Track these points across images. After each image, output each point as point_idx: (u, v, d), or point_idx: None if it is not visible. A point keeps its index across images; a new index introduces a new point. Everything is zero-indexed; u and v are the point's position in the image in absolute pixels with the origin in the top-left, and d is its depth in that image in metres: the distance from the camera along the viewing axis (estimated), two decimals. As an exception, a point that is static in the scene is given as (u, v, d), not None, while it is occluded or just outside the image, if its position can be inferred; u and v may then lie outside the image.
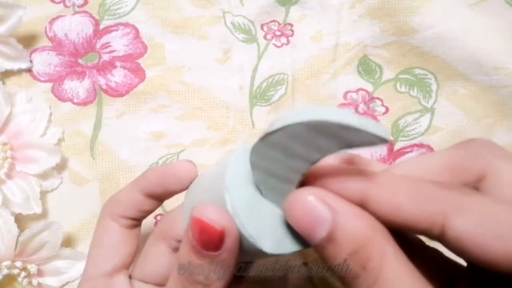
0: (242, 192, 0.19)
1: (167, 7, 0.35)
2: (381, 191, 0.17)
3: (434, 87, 0.35)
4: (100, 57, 0.34)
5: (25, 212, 0.30)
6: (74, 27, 0.34)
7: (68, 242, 0.32)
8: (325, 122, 0.15)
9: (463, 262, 0.19)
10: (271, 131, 0.16)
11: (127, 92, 0.34)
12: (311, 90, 0.35)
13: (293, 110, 0.16)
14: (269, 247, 0.18)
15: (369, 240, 0.16)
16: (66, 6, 0.34)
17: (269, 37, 0.35)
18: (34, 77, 0.34)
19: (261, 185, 0.19)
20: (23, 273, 0.30)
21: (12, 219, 0.30)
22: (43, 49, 0.34)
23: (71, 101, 0.34)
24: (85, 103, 0.34)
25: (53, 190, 0.33)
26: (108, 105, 0.34)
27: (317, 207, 0.17)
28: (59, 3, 0.34)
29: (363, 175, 0.17)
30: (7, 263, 0.29)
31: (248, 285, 0.25)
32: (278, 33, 0.35)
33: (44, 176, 0.32)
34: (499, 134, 0.34)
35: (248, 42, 0.35)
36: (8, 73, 0.33)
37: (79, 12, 0.34)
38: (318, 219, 0.17)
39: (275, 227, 0.19)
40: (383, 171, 0.19)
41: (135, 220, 0.25)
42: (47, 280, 0.31)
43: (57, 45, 0.34)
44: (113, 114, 0.34)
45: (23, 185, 0.31)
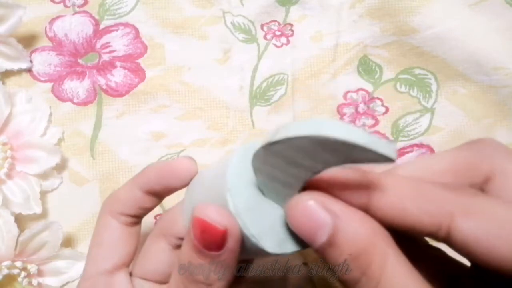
0: (244, 192, 0.19)
1: (167, 7, 0.35)
2: (386, 194, 0.17)
3: (434, 87, 0.35)
4: (100, 57, 0.34)
5: (25, 212, 0.30)
6: (74, 27, 0.34)
7: (68, 242, 0.32)
8: (331, 138, 0.14)
9: (466, 262, 0.19)
10: (274, 141, 0.16)
11: (127, 92, 0.34)
12: (311, 90, 0.35)
13: (299, 121, 0.16)
14: (271, 246, 0.18)
15: (370, 245, 0.16)
16: (66, 6, 0.34)
17: (269, 37, 0.35)
18: (34, 77, 0.34)
19: (263, 187, 0.19)
20: (23, 273, 0.30)
21: (12, 219, 0.30)
22: (43, 49, 0.34)
23: (71, 101, 0.34)
24: (85, 103, 0.34)
25: (53, 190, 0.33)
26: (108, 105, 0.34)
27: (317, 211, 0.17)
28: (59, 3, 0.34)
29: (367, 178, 0.17)
30: (7, 263, 0.29)
31: (248, 285, 0.25)
32: (278, 33, 0.35)
33: (44, 176, 0.32)
34: (499, 134, 0.34)
35: (248, 42, 0.35)
36: (8, 73, 0.33)
37: (79, 12, 0.34)
38: (319, 223, 0.17)
39: (276, 226, 0.19)
40: (387, 172, 0.19)
41: (135, 217, 0.25)
42: (47, 280, 0.31)
43: (57, 45, 0.34)
44: (113, 114, 0.34)
45: (23, 185, 0.31)
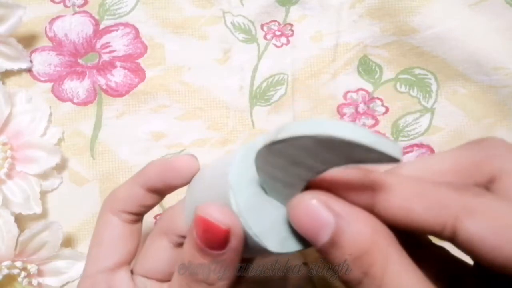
0: (246, 191, 0.19)
1: (167, 7, 0.35)
2: (390, 194, 0.17)
3: (434, 87, 0.35)
4: (100, 57, 0.34)
5: (25, 212, 0.30)
6: (74, 27, 0.34)
7: (68, 242, 0.32)
8: (335, 138, 0.14)
9: (469, 260, 0.19)
10: (277, 140, 0.16)
11: (127, 92, 0.34)
12: (311, 90, 0.35)
13: (302, 120, 0.15)
14: (273, 246, 0.18)
15: (372, 245, 0.16)
16: (66, 6, 0.34)
17: (269, 37, 0.35)
18: (34, 77, 0.34)
19: (265, 185, 0.19)
20: (23, 273, 0.30)
21: (12, 219, 0.30)
22: (43, 49, 0.34)
23: (71, 101, 0.34)
24: (85, 103, 0.34)
25: (53, 190, 0.33)
26: (108, 105, 0.34)
27: (320, 211, 0.17)
28: (59, 3, 0.34)
29: (370, 178, 0.17)
30: (7, 263, 0.29)
31: (248, 285, 0.25)
32: (278, 33, 0.35)
33: (44, 176, 0.32)
34: (499, 134, 0.34)
35: (248, 42, 0.35)
36: (8, 73, 0.33)
37: (79, 12, 0.34)
38: (321, 223, 0.17)
39: (279, 225, 0.19)
40: (390, 172, 0.19)
41: (137, 215, 0.25)
42: (47, 280, 0.31)
43: (57, 45, 0.34)
44: (113, 114, 0.34)
45: (23, 185, 0.31)
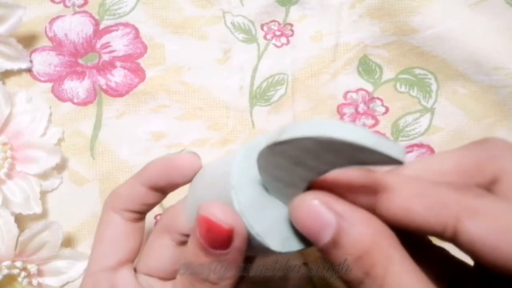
0: (248, 191, 0.19)
1: (167, 7, 0.35)
2: (391, 194, 0.17)
3: (434, 87, 0.35)
4: (100, 57, 0.34)
5: (25, 212, 0.30)
6: (74, 27, 0.34)
7: (68, 242, 0.32)
8: (337, 140, 0.14)
9: (470, 261, 0.19)
10: (280, 141, 0.16)
11: (127, 92, 0.34)
12: (311, 90, 0.35)
13: (304, 121, 0.15)
14: (275, 245, 0.18)
15: (374, 246, 0.16)
16: (66, 6, 0.34)
17: (269, 37, 0.35)
18: (34, 77, 0.34)
19: (267, 185, 0.19)
20: (23, 273, 0.30)
21: (12, 219, 0.30)
22: (43, 49, 0.34)
23: (71, 101, 0.34)
24: (85, 103, 0.34)
25: (53, 190, 0.33)
26: (108, 105, 0.34)
27: (321, 211, 0.17)
28: (59, 3, 0.34)
29: (372, 178, 0.17)
30: (7, 263, 0.29)
31: (248, 285, 0.25)
32: (278, 33, 0.35)
33: (44, 176, 0.32)
34: (499, 134, 0.34)
35: (248, 42, 0.35)
36: (8, 73, 0.33)
37: (79, 12, 0.34)
38: (323, 223, 0.17)
39: (280, 225, 0.19)
40: (392, 172, 0.19)
41: (139, 213, 0.24)
42: (47, 280, 0.31)
43: (57, 45, 0.34)
44: (113, 114, 0.34)
45: (23, 185, 0.31)
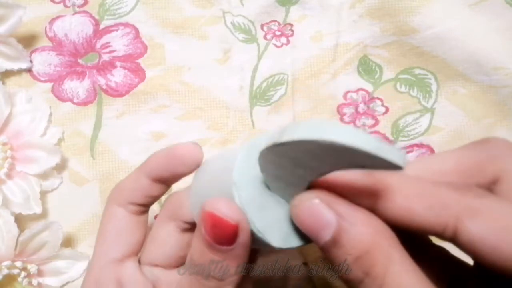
0: (249, 187, 0.19)
1: (167, 7, 0.35)
2: (392, 194, 0.17)
3: (434, 87, 0.35)
4: (100, 57, 0.34)
5: (25, 212, 0.30)
6: (74, 27, 0.34)
7: (68, 242, 0.32)
8: (339, 144, 0.14)
9: (469, 261, 0.19)
10: (280, 142, 0.16)
11: (127, 92, 0.34)
12: (311, 90, 0.35)
13: (306, 122, 0.15)
14: (276, 241, 0.19)
15: (374, 246, 0.16)
16: (66, 6, 0.34)
17: (269, 37, 0.35)
18: (34, 77, 0.34)
19: (269, 183, 0.19)
20: (23, 273, 0.30)
21: (12, 219, 0.30)
22: (43, 49, 0.34)
23: (71, 101, 0.34)
24: (85, 103, 0.34)
25: (53, 190, 0.33)
26: (108, 105, 0.34)
27: (322, 210, 0.17)
28: (59, 3, 0.34)
29: (373, 178, 0.17)
30: (7, 263, 0.29)
31: (248, 285, 0.25)
32: (278, 33, 0.35)
33: (44, 176, 0.32)
34: (499, 134, 0.34)
35: (248, 42, 0.35)
36: (8, 73, 0.33)
37: (79, 12, 0.34)
38: (323, 222, 0.17)
39: (281, 221, 0.19)
40: (392, 172, 0.19)
41: (143, 206, 0.24)
42: (47, 280, 0.31)
43: (57, 45, 0.34)
44: (113, 114, 0.34)
45: (23, 185, 0.31)
